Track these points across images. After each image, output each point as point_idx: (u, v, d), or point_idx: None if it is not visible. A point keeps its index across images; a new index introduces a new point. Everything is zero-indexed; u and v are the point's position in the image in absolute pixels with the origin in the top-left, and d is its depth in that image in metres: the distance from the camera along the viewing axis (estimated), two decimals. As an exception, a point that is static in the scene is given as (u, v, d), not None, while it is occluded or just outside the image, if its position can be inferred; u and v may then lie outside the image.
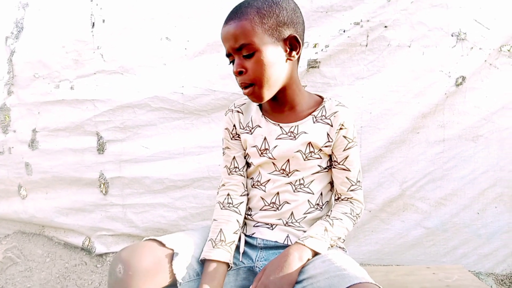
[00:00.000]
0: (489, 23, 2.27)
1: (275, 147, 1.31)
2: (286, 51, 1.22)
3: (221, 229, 1.28)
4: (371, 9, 2.26)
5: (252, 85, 1.20)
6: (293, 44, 1.22)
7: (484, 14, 2.27)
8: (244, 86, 1.21)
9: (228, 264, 1.24)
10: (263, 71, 1.18)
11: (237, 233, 1.31)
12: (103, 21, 2.46)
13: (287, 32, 1.20)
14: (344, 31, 2.28)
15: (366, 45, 2.31)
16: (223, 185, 1.40)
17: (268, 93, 1.23)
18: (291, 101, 1.32)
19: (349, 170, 1.32)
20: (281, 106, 1.33)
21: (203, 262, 1.23)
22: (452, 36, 2.29)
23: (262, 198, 1.34)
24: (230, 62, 1.24)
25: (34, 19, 2.56)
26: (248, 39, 1.15)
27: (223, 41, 1.20)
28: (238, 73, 1.19)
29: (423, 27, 2.29)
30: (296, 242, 1.22)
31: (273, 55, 1.19)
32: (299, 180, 1.31)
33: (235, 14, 1.17)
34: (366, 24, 2.27)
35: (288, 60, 1.23)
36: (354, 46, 2.31)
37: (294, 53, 1.23)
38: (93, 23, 2.47)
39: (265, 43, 1.17)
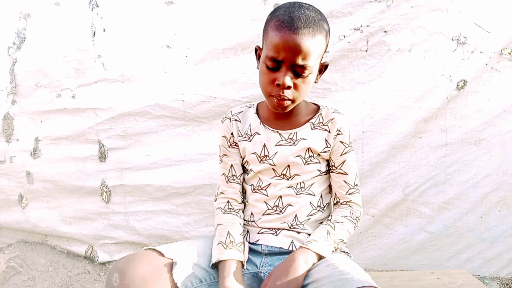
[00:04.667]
0: (489, 27, 2.27)
1: (275, 153, 1.33)
2: (317, 74, 1.27)
3: (228, 231, 1.30)
4: (370, 15, 2.26)
5: (290, 100, 1.22)
6: (321, 69, 1.30)
7: (484, 18, 2.26)
8: (282, 98, 1.21)
9: (242, 264, 1.25)
10: (306, 92, 1.24)
11: (242, 235, 1.33)
12: (104, 30, 2.47)
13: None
14: (344, 37, 2.28)
15: (366, 50, 2.32)
16: (222, 192, 1.43)
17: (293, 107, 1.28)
18: (295, 110, 1.34)
19: (347, 174, 1.36)
20: (284, 115, 1.35)
21: (214, 267, 1.24)
22: (452, 40, 2.28)
23: (265, 202, 1.35)
24: (272, 68, 1.19)
25: (36, 29, 2.56)
26: (313, 62, 1.18)
27: (281, 47, 1.14)
28: (286, 87, 1.17)
29: (423, 31, 2.29)
30: (300, 246, 1.23)
31: (314, 78, 1.26)
32: (300, 183, 1.34)
33: (308, 30, 1.13)
34: (366, 29, 2.28)
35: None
36: (354, 52, 2.32)
37: (319, 75, 1.29)
38: (94, 32, 2.47)
39: (317, 67, 1.24)
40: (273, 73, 1.19)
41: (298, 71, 1.18)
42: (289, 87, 1.18)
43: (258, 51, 1.32)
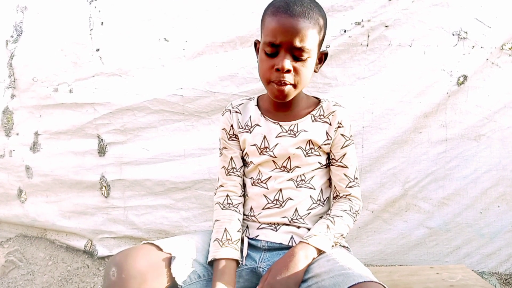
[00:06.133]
0: (490, 22, 2.26)
1: (276, 145, 1.33)
2: (317, 63, 1.29)
3: (225, 228, 1.29)
4: (372, 9, 2.25)
5: (291, 85, 1.22)
6: (321, 58, 1.31)
7: (485, 13, 2.25)
8: (282, 83, 1.21)
9: (237, 262, 1.25)
10: (307, 77, 1.24)
11: (240, 232, 1.33)
12: (102, 23, 2.45)
13: (321, 47, 1.29)
14: (345, 31, 2.27)
15: (367, 45, 2.31)
16: (221, 185, 1.42)
17: (295, 95, 1.28)
18: (295, 102, 1.34)
19: (347, 167, 1.36)
20: (285, 106, 1.35)
21: (211, 264, 1.24)
22: (453, 35, 2.28)
23: (265, 196, 1.34)
24: (270, 54, 1.20)
25: (33, 23, 2.55)
26: (311, 45, 1.18)
27: (278, 30, 1.16)
28: (286, 71, 1.19)
29: (424, 26, 2.28)
30: (300, 241, 1.23)
31: (314, 64, 1.26)
32: (300, 176, 1.33)
33: (304, 12, 1.15)
34: (367, 24, 2.27)
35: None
36: (355, 46, 2.30)
37: (319, 65, 1.31)
38: (92, 25, 2.46)
39: (316, 52, 1.24)
40: (272, 59, 1.20)
41: (296, 55, 1.18)
42: (288, 71, 1.18)
43: (257, 44, 1.33)
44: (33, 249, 2.69)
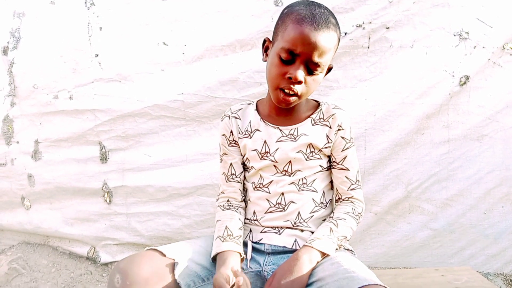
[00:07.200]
0: (491, 21, 2.25)
1: (276, 149, 1.34)
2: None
3: (226, 226, 1.31)
4: (372, 11, 2.24)
5: (297, 96, 1.23)
6: (327, 72, 1.31)
7: (487, 13, 2.25)
8: (290, 93, 1.21)
9: (240, 256, 1.25)
10: (313, 89, 1.25)
11: (241, 230, 1.33)
12: (100, 28, 2.45)
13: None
14: (345, 34, 2.26)
15: (368, 47, 2.30)
16: (222, 192, 1.44)
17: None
18: (296, 106, 1.34)
19: (348, 170, 1.36)
20: (286, 111, 1.35)
21: (214, 261, 1.24)
22: (454, 35, 2.27)
23: (267, 200, 1.35)
24: (285, 60, 1.19)
25: (31, 29, 2.54)
26: (326, 61, 1.20)
27: (300, 41, 1.15)
28: (298, 82, 1.19)
29: (425, 27, 2.28)
30: (304, 245, 1.23)
31: (322, 77, 1.27)
32: (302, 179, 1.34)
33: (328, 28, 1.16)
34: (368, 26, 2.26)
35: None
36: (356, 48, 2.30)
37: (323, 77, 1.29)
38: (91, 31, 2.46)
39: (327, 67, 1.26)
40: (286, 66, 1.19)
41: (311, 68, 1.19)
42: (300, 82, 1.18)
43: (266, 43, 1.32)
44: (36, 256, 2.69)
